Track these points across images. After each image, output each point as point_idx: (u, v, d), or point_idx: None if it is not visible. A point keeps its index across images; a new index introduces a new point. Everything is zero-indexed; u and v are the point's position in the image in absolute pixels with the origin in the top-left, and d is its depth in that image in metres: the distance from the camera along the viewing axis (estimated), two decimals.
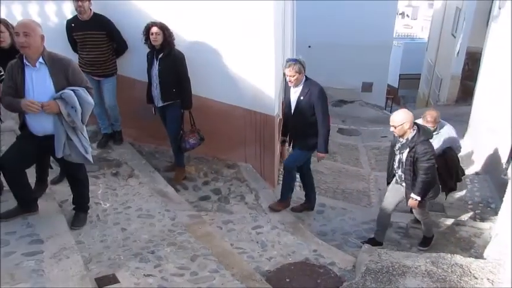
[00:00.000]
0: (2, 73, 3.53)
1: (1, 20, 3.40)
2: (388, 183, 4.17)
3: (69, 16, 4.53)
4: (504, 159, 5.40)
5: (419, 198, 3.77)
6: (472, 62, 10.85)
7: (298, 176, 4.80)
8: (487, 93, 6.63)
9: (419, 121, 4.24)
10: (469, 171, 6.23)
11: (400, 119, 3.63)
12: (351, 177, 6.30)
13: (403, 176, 3.87)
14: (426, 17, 24.68)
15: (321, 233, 4.50)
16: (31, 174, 3.43)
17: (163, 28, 4.10)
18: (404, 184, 3.89)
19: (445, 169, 4.35)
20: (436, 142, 4.31)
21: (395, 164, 3.94)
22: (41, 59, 2.90)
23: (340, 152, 7.56)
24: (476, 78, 7.55)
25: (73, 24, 4.37)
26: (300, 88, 4.11)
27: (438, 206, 5.19)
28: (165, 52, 4.17)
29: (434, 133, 4.29)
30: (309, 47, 12.72)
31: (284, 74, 4.18)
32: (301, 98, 4.10)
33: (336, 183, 5.93)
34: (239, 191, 4.74)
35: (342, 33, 12.54)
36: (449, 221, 4.78)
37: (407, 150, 3.67)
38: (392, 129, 3.70)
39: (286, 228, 4.24)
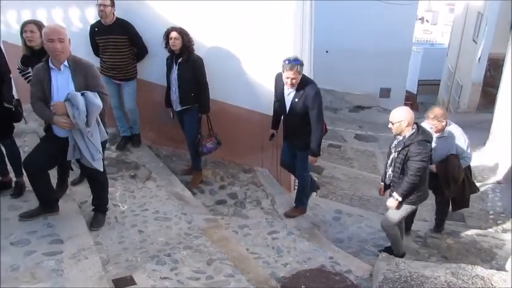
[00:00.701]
0: (30, 74, 3.63)
1: (34, 21, 3.49)
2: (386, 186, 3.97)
3: (92, 21, 4.63)
4: None
5: (400, 199, 3.59)
6: (494, 68, 10.66)
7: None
8: (510, 100, 6.48)
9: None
10: (491, 180, 6.10)
11: (399, 116, 3.51)
12: (368, 183, 6.23)
13: (391, 175, 3.71)
14: (446, 22, 24.30)
15: (337, 240, 4.46)
16: (53, 175, 3.51)
17: (182, 33, 4.15)
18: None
19: (443, 176, 4.10)
20: (440, 147, 4.11)
21: (388, 162, 3.77)
22: (66, 62, 2.98)
23: (357, 158, 7.50)
24: (499, 84, 7.40)
25: (96, 29, 4.46)
26: (294, 89, 3.86)
27: (458, 215, 5.08)
28: (184, 57, 4.21)
29: (437, 135, 4.08)
30: (327, 52, 12.71)
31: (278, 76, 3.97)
32: (296, 100, 3.86)
33: (352, 190, 5.87)
34: (255, 195, 4.73)
35: (360, 38, 12.49)
36: (470, 231, 4.68)
37: (401, 147, 3.53)
38: (390, 125, 3.59)
39: (302, 234, 4.21)
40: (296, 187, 4.76)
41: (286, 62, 3.69)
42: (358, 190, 5.91)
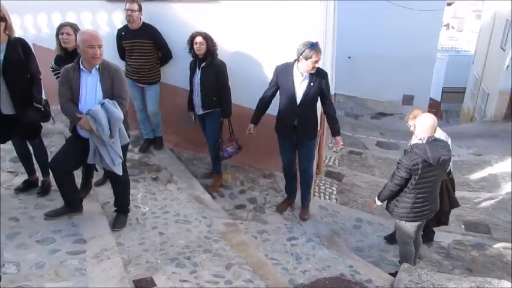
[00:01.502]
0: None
1: (70, 24, 3.61)
2: None
3: (119, 25, 4.74)
4: None
5: (379, 203, 3.67)
6: None
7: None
8: None
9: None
10: None
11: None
12: None
13: None
14: (473, 29, 23.76)
15: (357, 248, 4.39)
16: (77, 175, 3.58)
17: (207, 38, 4.19)
18: None
19: None
20: None
21: None
22: (97, 66, 3.06)
23: (379, 166, 7.39)
24: None
25: (123, 33, 4.56)
26: (307, 75, 3.85)
27: (484, 227, 4.94)
28: (208, 61, 4.25)
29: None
30: (349, 57, 12.62)
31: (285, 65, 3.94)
32: (312, 84, 3.85)
33: (373, 198, 5.77)
34: (275, 201, 4.72)
35: (384, 44, 12.35)
36: (496, 244, 4.54)
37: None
38: None
39: (321, 242, 4.18)
40: (317, 193, 4.73)
41: (311, 47, 3.67)
42: None
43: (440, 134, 3.96)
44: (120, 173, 3.31)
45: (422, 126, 3.35)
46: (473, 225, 4.89)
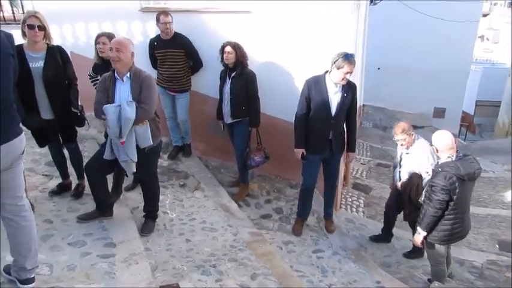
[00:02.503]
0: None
1: (106, 34, 3.75)
2: None
3: (152, 35, 4.87)
4: None
5: (424, 233, 3.40)
6: None
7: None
8: None
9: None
10: None
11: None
12: None
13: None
14: (509, 40, 22.97)
15: (385, 264, 4.29)
16: (108, 180, 3.66)
17: (236, 48, 4.24)
18: None
19: (404, 195, 4.00)
20: (406, 167, 4.02)
21: None
22: (128, 74, 3.14)
23: None
24: None
25: (155, 43, 4.68)
26: (340, 86, 3.78)
27: None
28: (238, 71, 4.29)
29: (406, 151, 3.99)
30: (378, 68, 12.45)
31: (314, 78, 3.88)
32: (345, 94, 3.79)
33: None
34: None
35: (415, 55, 12.13)
36: None
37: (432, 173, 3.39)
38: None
39: (348, 255, 4.10)
40: (344, 205, 4.65)
41: (345, 57, 3.62)
42: None
43: (420, 143, 3.98)
44: (128, 171, 3.36)
45: (445, 145, 3.28)
46: (508, 245, 4.67)
